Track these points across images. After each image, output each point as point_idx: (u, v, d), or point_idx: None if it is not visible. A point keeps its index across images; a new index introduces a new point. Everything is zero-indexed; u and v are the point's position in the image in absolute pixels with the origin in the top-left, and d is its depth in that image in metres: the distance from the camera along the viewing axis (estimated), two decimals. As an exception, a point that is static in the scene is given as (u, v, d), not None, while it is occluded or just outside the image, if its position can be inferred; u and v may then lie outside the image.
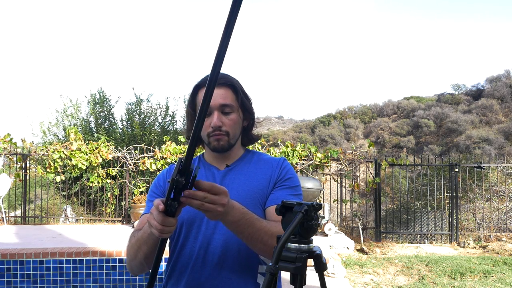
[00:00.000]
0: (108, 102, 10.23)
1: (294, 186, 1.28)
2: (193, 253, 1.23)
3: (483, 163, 7.68)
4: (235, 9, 0.74)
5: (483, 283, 4.82)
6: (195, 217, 1.23)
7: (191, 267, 1.23)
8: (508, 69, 41.60)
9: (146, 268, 1.19)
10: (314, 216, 0.93)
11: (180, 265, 1.26)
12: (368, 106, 53.44)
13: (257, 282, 1.23)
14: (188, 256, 1.24)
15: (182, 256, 1.25)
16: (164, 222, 0.92)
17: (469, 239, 6.91)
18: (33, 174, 8.41)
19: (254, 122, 1.36)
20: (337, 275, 4.45)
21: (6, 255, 4.31)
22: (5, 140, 7.55)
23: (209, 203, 0.92)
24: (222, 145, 1.25)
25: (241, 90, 1.29)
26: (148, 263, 1.16)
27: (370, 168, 7.46)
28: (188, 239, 1.25)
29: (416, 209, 7.79)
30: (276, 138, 22.85)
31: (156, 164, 7.20)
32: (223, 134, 1.24)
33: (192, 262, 1.23)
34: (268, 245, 1.08)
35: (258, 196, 1.25)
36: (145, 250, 1.12)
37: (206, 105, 0.80)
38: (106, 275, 4.37)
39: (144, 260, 1.15)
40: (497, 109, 38.33)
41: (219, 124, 1.23)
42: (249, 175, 1.29)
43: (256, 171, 1.30)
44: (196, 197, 0.90)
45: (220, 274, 1.20)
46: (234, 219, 1.03)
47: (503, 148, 28.91)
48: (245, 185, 1.26)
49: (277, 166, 1.31)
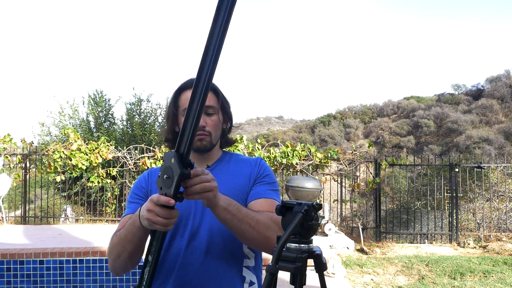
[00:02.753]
0: (107, 102, 10.23)
1: (272, 182, 1.37)
2: (181, 250, 1.25)
3: (483, 163, 7.68)
4: (222, 14, 0.83)
5: (483, 283, 4.82)
6: (181, 217, 1.23)
7: (179, 264, 1.25)
8: (508, 69, 41.60)
9: (129, 266, 1.22)
10: (314, 216, 0.93)
11: (167, 264, 1.26)
12: (368, 106, 53.42)
13: (243, 275, 1.28)
14: (175, 254, 1.25)
15: (169, 255, 1.26)
16: (171, 215, 0.98)
17: (469, 239, 6.91)
18: (33, 174, 8.41)
19: (232, 126, 1.43)
20: (337, 275, 4.45)
21: (6, 255, 4.31)
22: (5, 140, 7.55)
23: (208, 184, 1.00)
24: (204, 145, 1.30)
25: (221, 94, 1.36)
26: (132, 261, 1.20)
27: (370, 168, 7.46)
28: (175, 238, 1.27)
29: (416, 209, 7.79)
30: (276, 138, 22.86)
31: (156, 164, 7.20)
32: (206, 135, 1.30)
33: (180, 259, 1.25)
34: (256, 230, 1.14)
35: (240, 193, 1.31)
36: (130, 249, 1.15)
37: (201, 104, 0.91)
38: (106, 275, 4.37)
39: (129, 259, 1.18)
40: (497, 109, 38.33)
41: (203, 124, 1.29)
42: (230, 174, 1.35)
43: (236, 170, 1.37)
44: (202, 180, 0.98)
45: (208, 263, 1.23)
46: (224, 204, 1.09)
47: (503, 148, 28.91)
48: (228, 184, 1.30)
49: (256, 165, 1.39)
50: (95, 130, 9.93)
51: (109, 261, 1.25)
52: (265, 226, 1.16)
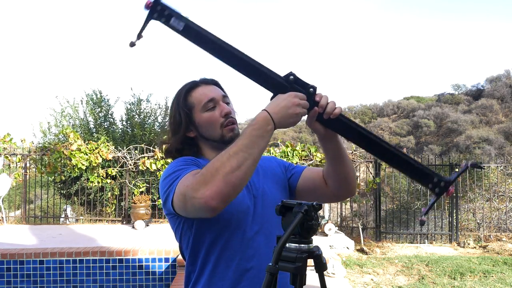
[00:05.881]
0: (107, 102, 10.22)
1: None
2: (245, 239, 1.17)
3: (483, 163, 7.67)
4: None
5: (483, 283, 4.82)
6: (246, 210, 1.19)
7: (238, 258, 1.16)
8: (508, 69, 41.55)
9: (248, 174, 1.02)
10: (314, 216, 0.93)
11: (228, 253, 1.16)
12: (368, 106, 53.38)
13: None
14: (239, 243, 1.17)
15: (232, 242, 1.16)
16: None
17: (469, 239, 6.91)
18: (33, 174, 8.41)
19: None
20: (337, 275, 4.45)
21: (6, 255, 4.31)
22: (5, 140, 7.55)
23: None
24: (236, 134, 1.22)
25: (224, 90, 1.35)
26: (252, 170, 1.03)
27: (370, 168, 7.46)
28: (239, 228, 1.17)
29: (416, 209, 7.78)
30: (276, 138, 22.79)
31: (156, 164, 7.20)
32: (234, 123, 1.25)
33: (239, 253, 1.16)
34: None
35: (281, 181, 1.31)
36: (255, 154, 1.02)
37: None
38: (106, 275, 4.37)
39: (253, 165, 1.03)
40: (497, 109, 38.31)
41: (229, 110, 1.24)
42: (263, 167, 1.31)
43: (264, 164, 1.33)
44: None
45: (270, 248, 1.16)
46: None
47: (503, 148, 28.89)
48: (269, 174, 1.30)
49: (275, 160, 1.40)
50: (94, 130, 9.92)
51: (218, 178, 0.96)
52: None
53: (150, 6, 1.05)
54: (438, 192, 1.05)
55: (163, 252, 4.43)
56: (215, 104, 1.24)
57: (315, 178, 1.29)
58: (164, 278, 4.40)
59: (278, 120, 1.04)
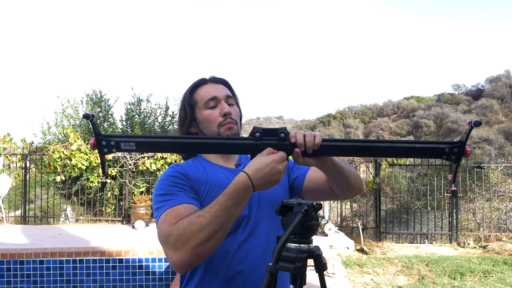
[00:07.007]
0: (106, 102, 10.22)
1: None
2: (237, 241, 1.17)
3: (483, 163, 7.67)
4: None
5: (483, 283, 4.82)
6: (241, 218, 1.17)
7: (229, 260, 1.17)
8: (508, 69, 41.55)
9: (217, 244, 1.03)
10: (314, 216, 0.93)
11: (219, 255, 1.16)
12: (368, 106, 53.38)
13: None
14: (231, 245, 1.17)
15: (224, 245, 1.14)
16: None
17: (469, 239, 6.91)
18: (33, 174, 8.41)
19: (241, 124, 1.40)
20: (337, 275, 4.45)
21: (6, 255, 4.31)
22: (5, 140, 7.54)
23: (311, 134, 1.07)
24: (234, 133, 1.24)
25: (233, 89, 1.35)
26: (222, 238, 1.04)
27: (370, 168, 7.46)
28: (232, 233, 1.16)
29: (416, 209, 7.78)
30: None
31: (156, 164, 7.20)
32: (233, 123, 1.25)
33: (230, 255, 1.16)
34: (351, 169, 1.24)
35: (283, 182, 1.30)
36: (230, 222, 1.02)
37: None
38: (106, 275, 4.37)
39: (224, 235, 1.03)
40: (497, 109, 38.30)
41: (231, 110, 1.25)
42: None
43: None
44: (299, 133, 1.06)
45: (262, 264, 1.15)
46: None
47: (503, 148, 28.89)
48: None
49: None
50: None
51: (187, 249, 0.99)
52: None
53: (95, 145, 1.06)
54: (456, 159, 1.04)
55: (163, 252, 4.42)
56: (217, 103, 1.25)
57: (320, 180, 1.29)
58: (164, 278, 4.40)
59: (260, 186, 1.03)
